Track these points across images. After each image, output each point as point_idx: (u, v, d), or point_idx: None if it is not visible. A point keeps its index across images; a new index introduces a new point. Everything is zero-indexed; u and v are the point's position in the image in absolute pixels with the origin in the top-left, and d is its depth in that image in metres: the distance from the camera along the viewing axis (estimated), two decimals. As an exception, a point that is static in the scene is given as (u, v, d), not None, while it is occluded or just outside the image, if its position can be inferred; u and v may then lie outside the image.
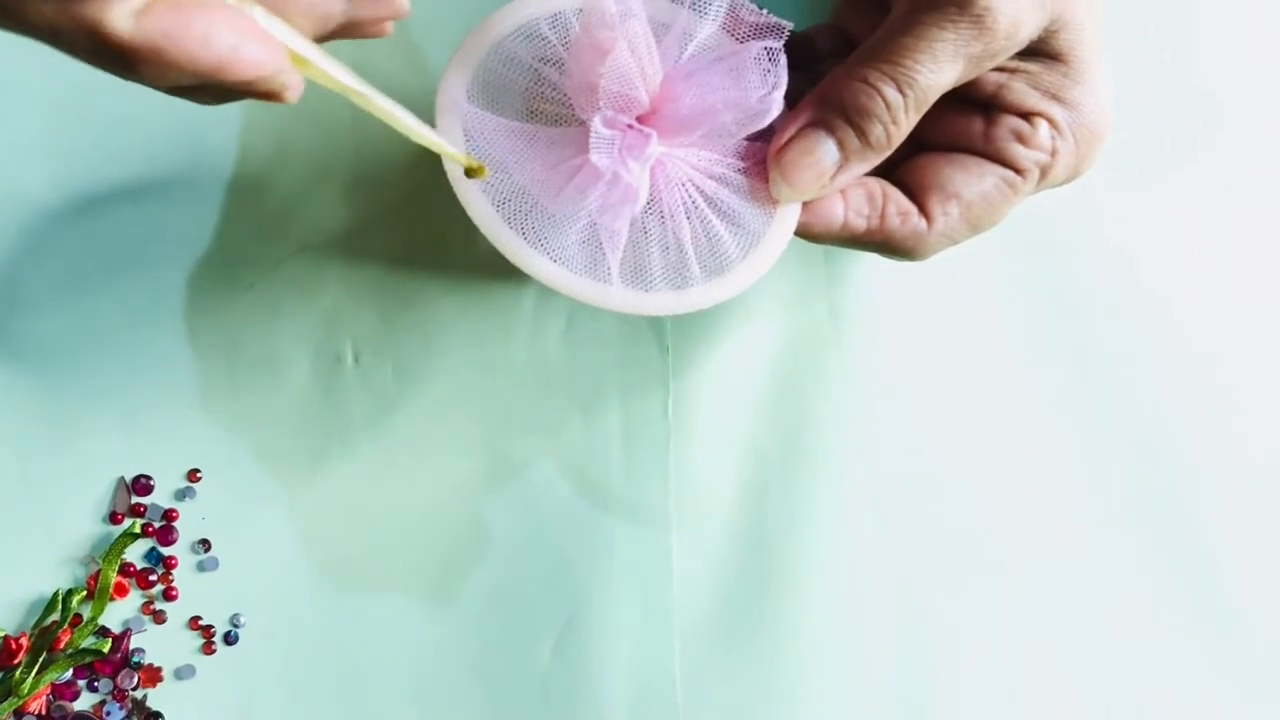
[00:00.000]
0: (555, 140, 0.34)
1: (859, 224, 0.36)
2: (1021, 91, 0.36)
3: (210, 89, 0.29)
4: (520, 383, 0.43)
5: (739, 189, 0.35)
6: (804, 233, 0.36)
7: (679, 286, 0.35)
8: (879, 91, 0.34)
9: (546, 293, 0.43)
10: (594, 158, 0.33)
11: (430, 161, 0.34)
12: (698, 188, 0.35)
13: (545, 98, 0.35)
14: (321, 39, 0.31)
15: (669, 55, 0.34)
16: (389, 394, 0.42)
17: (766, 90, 0.34)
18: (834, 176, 0.35)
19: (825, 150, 0.34)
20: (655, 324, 0.43)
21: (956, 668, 0.43)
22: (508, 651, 0.42)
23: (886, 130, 0.34)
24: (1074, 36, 0.35)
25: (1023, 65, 0.36)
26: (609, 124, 0.33)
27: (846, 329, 0.44)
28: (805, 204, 0.36)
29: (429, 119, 0.32)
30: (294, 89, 0.29)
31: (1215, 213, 0.45)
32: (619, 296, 0.34)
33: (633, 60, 0.33)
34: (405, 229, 0.42)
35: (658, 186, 0.34)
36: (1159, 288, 0.45)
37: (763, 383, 0.43)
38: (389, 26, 0.32)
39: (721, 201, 0.35)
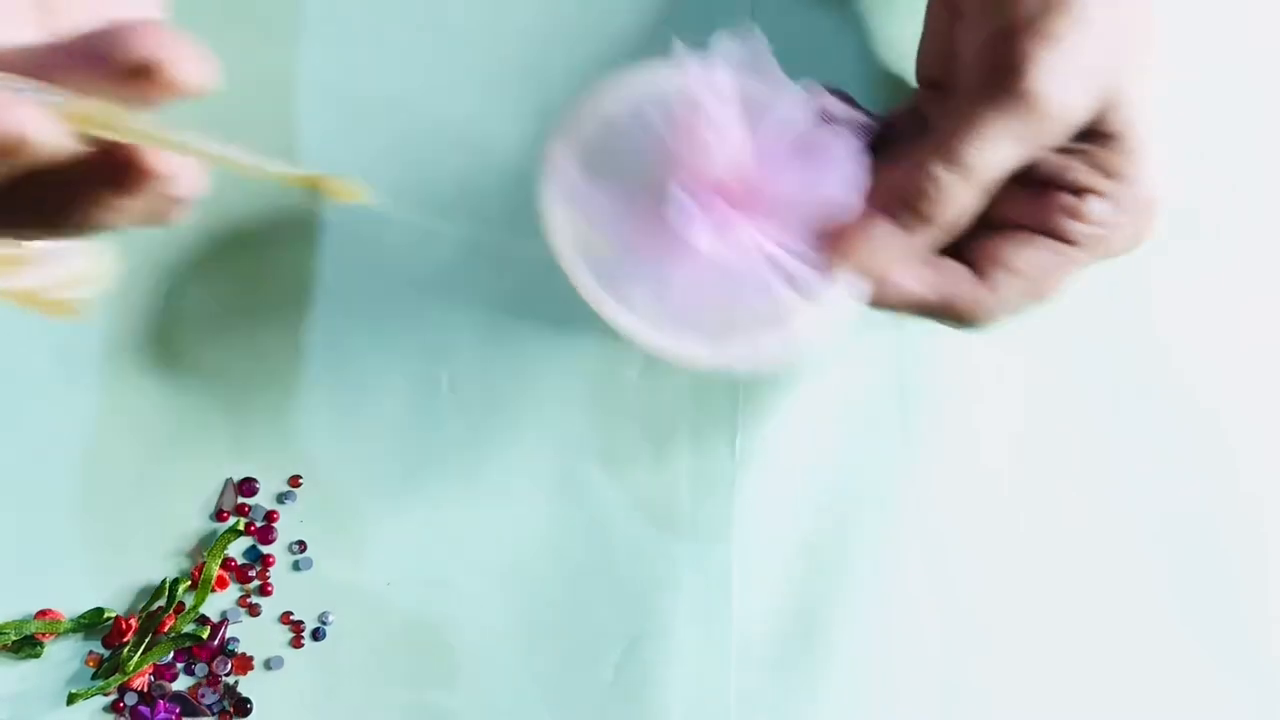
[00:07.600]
0: (646, 205, 0.37)
1: (920, 292, 0.38)
2: (1074, 169, 0.38)
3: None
4: (598, 417, 0.46)
5: (808, 261, 0.38)
6: (870, 301, 0.39)
7: (722, 338, 0.38)
8: (929, 172, 0.36)
9: (625, 343, 0.46)
10: (670, 215, 0.36)
11: (535, 221, 0.38)
12: (767, 255, 0.37)
13: (645, 170, 0.38)
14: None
15: (759, 139, 0.37)
16: (478, 420, 0.45)
17: (844, 189, 0.37)
18: (895, 254, 0.37)
19: (885, 233, 0.37)
20: (728, 372, 0.46)
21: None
22: (573, 668, 0.44)
23: (941, 208, 0.37)
24: (1128, 112, 0.37)
25: (1080, 145, 0.38)
26: (689, 191, 0.36)
27: (910, 401, 0.46)
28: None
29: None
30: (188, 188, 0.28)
31: None
32: (669, 343, 0.37)
33: (718, 138, 0.36)
34: (504, 275, 0.46)
35: (729, 250, 0.37)
36: (1238, 387, 0.47)
37: (827, 439, 0.46)
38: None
39: (787, 270, 0.38)
